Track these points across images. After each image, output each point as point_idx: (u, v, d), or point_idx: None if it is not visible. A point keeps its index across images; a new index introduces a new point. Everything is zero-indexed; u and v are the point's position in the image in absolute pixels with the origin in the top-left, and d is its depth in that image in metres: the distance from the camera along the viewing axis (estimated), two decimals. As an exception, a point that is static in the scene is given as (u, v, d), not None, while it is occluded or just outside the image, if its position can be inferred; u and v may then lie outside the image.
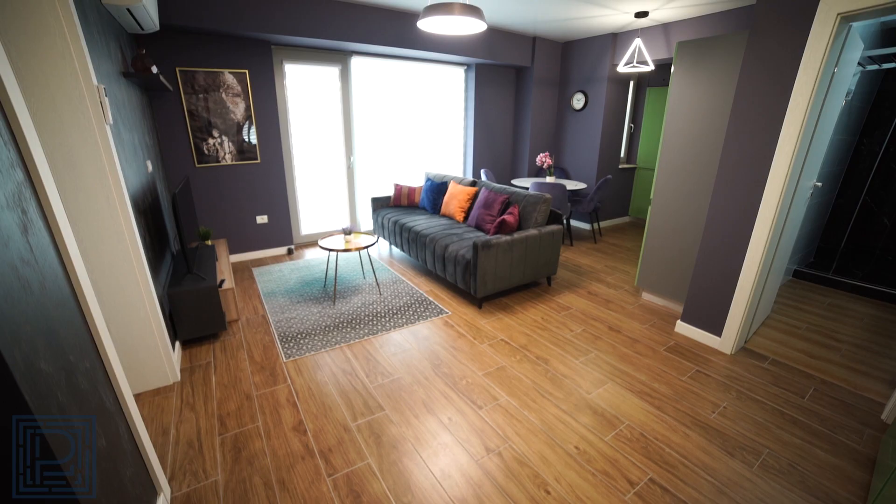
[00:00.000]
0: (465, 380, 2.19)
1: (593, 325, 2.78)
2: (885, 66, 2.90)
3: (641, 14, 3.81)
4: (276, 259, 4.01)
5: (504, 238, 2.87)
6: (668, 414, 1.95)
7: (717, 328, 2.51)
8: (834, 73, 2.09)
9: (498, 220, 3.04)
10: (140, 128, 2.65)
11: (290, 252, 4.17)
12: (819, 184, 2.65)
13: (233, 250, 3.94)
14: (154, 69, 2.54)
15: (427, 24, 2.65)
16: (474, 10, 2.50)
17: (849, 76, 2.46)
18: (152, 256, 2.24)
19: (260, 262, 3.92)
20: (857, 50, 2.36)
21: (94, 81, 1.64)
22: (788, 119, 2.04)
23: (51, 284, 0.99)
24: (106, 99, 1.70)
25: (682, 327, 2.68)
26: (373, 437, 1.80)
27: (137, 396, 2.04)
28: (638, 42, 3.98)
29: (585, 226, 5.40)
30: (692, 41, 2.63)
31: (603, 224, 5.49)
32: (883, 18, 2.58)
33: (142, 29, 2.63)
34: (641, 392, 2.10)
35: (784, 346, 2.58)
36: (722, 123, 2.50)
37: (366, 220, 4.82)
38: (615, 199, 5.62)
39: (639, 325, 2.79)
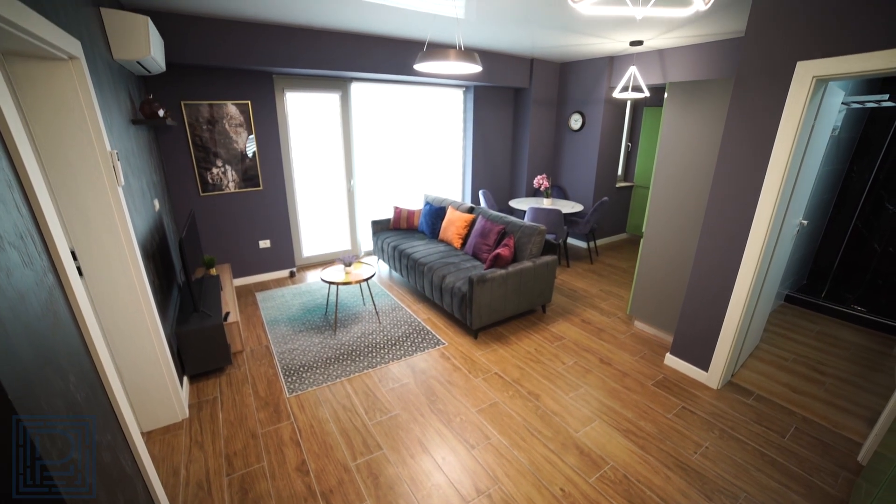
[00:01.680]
0: (459, 417, 2.29)
1: (585, 357, 2.88)
2: (869, 105, 2.97)
3: (636, 43, 3.89)
4: (279, 283, 4.12)
5: (499, 272, 2.96)
6: (652, 454, 2.04)
7: (704, 363, 2.60)
8: (814, 123, 2.17)
9: (494, 252, 3.14)
10: (147, 168, 2.75)
11: (292, 275, 4.28)
12: (805, 222, 2.73)
13: (236, 274, 4.05)
14: (161, 112, 2.64)
15: (423, 68, 2.75)
16: (469, 55, 2.59)
17: (832, 118, 2.53)
18: (161, 298, 2.35)
19: (263, 286, 4.03)
20: (838, 96, 2.44)
21: (108, 147, 1.74)
22: (772, 166, 2.12)
23: (76, 372, 1.09)
24: (119, 163, 1.81)
25: (671, 360, 2.77)
26: (371, 478, 1.90)
27: (148, 434, 2.15)
28: (633, 70, 4.06)
29: (582, 244, 5.48)
30: (682, 83, 2.72)
31: (600, 242, 5.57)
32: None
33: (149, 72, 2.74)
34: (627, 431, 2.20)
35: (770, 379, 2.66)
36: (711, 162, 2.59)
37: (366, 241, 4.92)
38: (612, 216, 5.69)
39: (629, 357, 2.88)
